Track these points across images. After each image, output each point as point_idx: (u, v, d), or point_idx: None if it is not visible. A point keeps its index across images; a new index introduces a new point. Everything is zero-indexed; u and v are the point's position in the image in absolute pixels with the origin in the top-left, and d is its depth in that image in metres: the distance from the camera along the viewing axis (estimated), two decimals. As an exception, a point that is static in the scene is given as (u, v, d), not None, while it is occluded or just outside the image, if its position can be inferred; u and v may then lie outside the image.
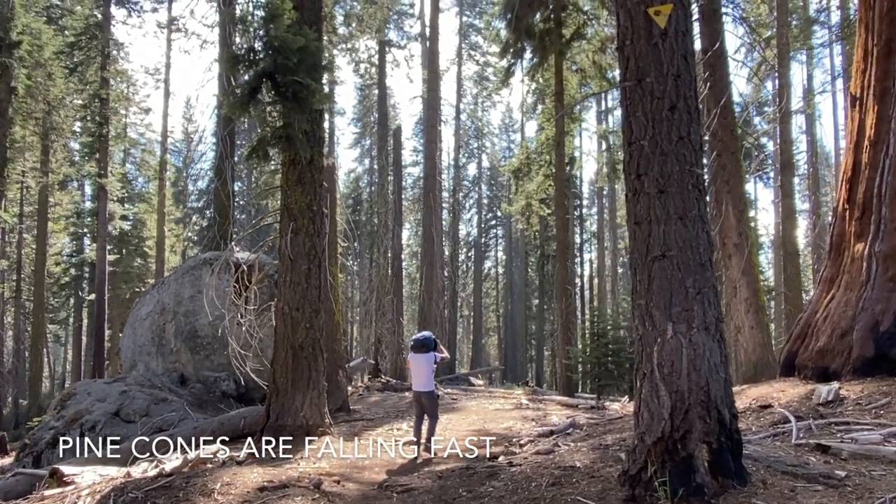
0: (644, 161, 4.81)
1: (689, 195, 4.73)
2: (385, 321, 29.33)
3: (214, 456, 8.51)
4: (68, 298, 39.87)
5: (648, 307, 4.76)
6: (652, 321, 4.74)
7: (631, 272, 4.98)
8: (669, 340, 4.66)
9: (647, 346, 4.78)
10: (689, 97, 4.81)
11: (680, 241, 4.70)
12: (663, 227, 4.73)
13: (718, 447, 4.57)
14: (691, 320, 4.64)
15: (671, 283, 4.68)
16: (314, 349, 9.40)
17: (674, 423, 4.61)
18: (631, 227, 4.94)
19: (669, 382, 4.65)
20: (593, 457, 6.02)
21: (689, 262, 4.68)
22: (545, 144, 23.26)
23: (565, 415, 14.37)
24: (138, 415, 13.37)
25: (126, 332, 16.87)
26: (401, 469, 7.80)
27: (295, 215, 9.50)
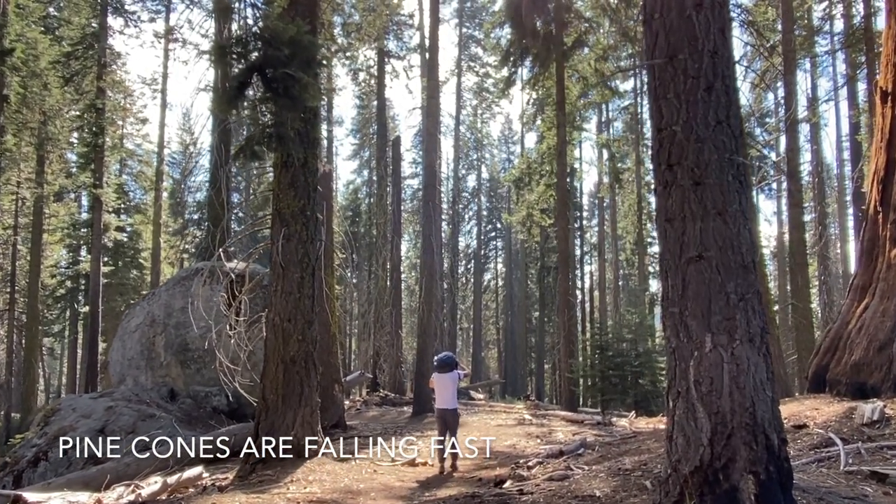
0: (677, 149, 4.18)
1: (728, 187, 4.10)
2: (384, 334, 28.66)
3: (199, 478, 7.82)
4: (64, 311, 39.11)
5: (683, 316, 4.11)
6: (687, 332, 4.09)
7: (661, 276, 4.34)
8: (708, 354, 4.01)
9: (681, 360, 4.13)
10: (728, 76, 4.19)
11: (719, 240, 4.06)
12: (700, 224, 4.09)
13: (766, 478, 3.91)
14: (733, 331, 3.99)
15: (709, 288, 4.04)
16: (307, 363, 8.72)
17: (714, 449, 3.95)
18: (661, 225, 4.31)
19: (708, 403, 3.99)
20: (614, 484, 5.35)
21: (730, 264, 4.04)
22: (546, 154, 22.70)
23: (571, 431, 13.67)
24: (124, 431, 12.65)
25: (115, 345, 16.17)
26: (398, 494, 7.12)
27: (287, 220, 8.87)
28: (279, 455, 8.26)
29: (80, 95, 29.29)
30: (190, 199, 40.61)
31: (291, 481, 7.54)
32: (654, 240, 37.81)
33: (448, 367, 8.87)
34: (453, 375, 8.88)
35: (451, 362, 8.97)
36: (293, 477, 7.69)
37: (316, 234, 9.22)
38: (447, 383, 8.84)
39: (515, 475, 7.27)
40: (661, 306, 4.36)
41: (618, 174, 22.38)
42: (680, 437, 4.11)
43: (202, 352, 14.39)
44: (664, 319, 4.33)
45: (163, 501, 5.93)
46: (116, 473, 10.91)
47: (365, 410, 21.12)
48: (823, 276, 24.74)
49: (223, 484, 7.81)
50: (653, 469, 5.72)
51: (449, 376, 8.84)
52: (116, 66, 30.47)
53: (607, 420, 14.76)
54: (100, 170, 29.36)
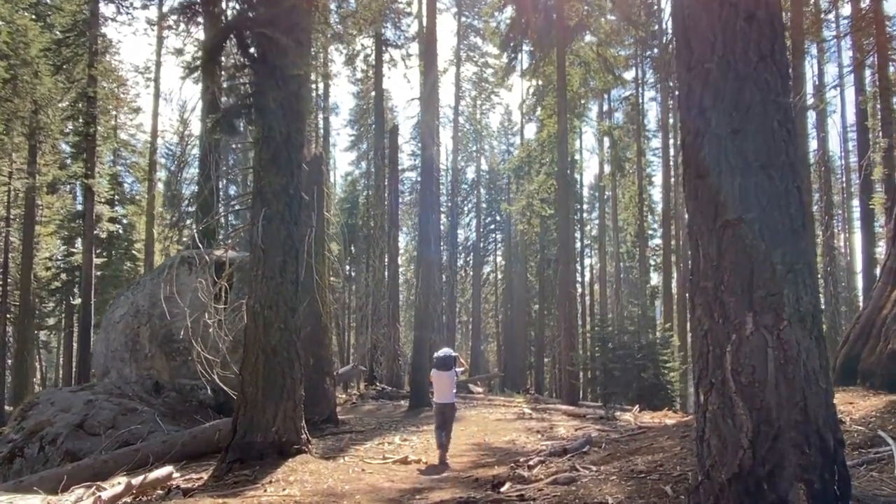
0: (711, 90, 3.45)
1: (774, 135, 3.36)
2: (381, 326, 27.97)
3: (168, 478, 7.10)
4: (59, 304, 38.44)
5: (718, 292, 3.38)
6: (723, 311, 3.36)
7: (691, 245, 3.61)
8: (749, 338, 3.28)
9: (715, 345, 3.40)
10: (772, 3, 3.45)
11: (763, 199, 3.33)
12: (739, 179, 3.36)
13: (821, 487, 3.19)
14: (780, 309, 3.26)
15: (751, 257, 3.31)
16: (289, 353, 7.99)
17: (757, 453, 3.22)
18: (691, 183, 3.57)
19: (749, 396, 3.26)
20: (628, 489, 4.62)
21: (776, 228, 3.31)
22: (546, 142, 21.93)
23: (573, 426, 12.96)
24: (104, 427, 11.95)
25: (99, 337, 15.45)
26: (386, 498, 6.39)
27: (268, 199, 8.13)
28: (259, 453, 7.55)
29: (72, 84, 28.53)
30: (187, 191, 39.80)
31: (270, 482, 6.82)
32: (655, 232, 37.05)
33: (447, 366, 9.20)
34: (451, 374, 9.24)
35: (449, 361, 9.28)
36: (272, 477, 6.97)
37: (300, 215, 8.49)
38: (446, 380, 9.18)
39: (515, 476, 6.54)
40: (690, 281, 3.63)
41: (620, 162, 21.61)
42: (714, 437, 3.38)
43: (188, 343, 13.66)
44: (692, 297, 3.60)
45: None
46: (92, 471, 10.22)
47: (361, 404, 20.42)
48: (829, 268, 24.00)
49: (195, 485, 7.09)
50: (670, 471, 5.00)
51: (447, 374, 9.19)
52: (109, 53, 29.69)
53: (610, 414, 14.05)
54: (92, 160, 28.57)
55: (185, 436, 11.06)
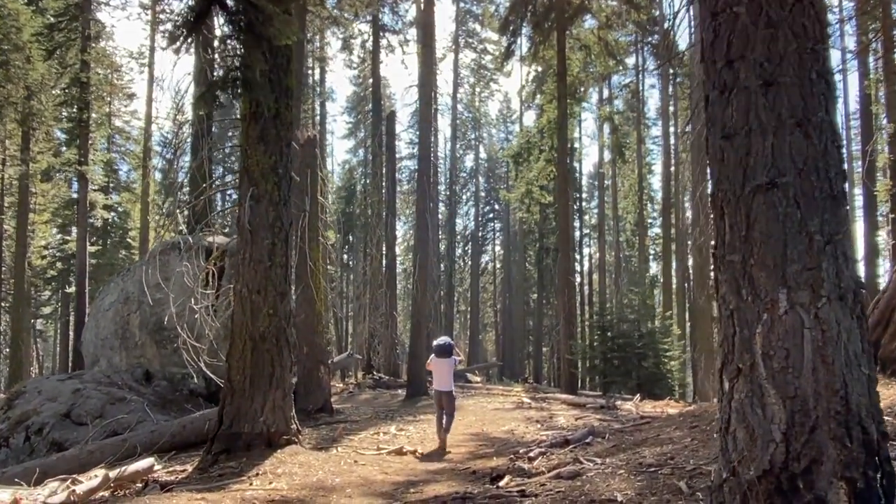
0: (739, 38, 3.03)
1: (812, 87, 2.95)
2: (378, 315, 27.62)
3: (150, 471, 6.72)
4: (56, 292, 38.06)
5: (746, 266, 2.98)
6: (752, 287, 2.96)
7: (715, 214, 3.20)
8: (782, 317, 2.88)
9: (743, 326, 3.00)
10: (809, -61, 3.02)
11: (799, 161, 2.92)
12: (772, 139, 2.95)
13: (865, 486, 2.80)
14: (818, 285, 2.86)
15: (785, 226, 2.90)
16: (279, 340, 7.60)
17: (791, 447, 2.83)
18: (716, 145, 3.16)
19: (782, 383, 2.87)
20: (638, 485, 4.24)
21: (812, 193, 2.91)
22: (546, 128, 21.48)
23: (573, 416, 12.61)
24: (91, 416, 11.58)
25: (88, 325, 15.06)
26: (378, 491, 6.02)
27: (256, 179, 7.71)
28: (246, 444, 7.17)
29: (65, 69, 27.99)
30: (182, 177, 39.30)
31: (256, 475, 6.44)
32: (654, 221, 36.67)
33: (446, 353, 9.30)
34: (450, 361, 9.32)
35: (448, 349, 9.37)
36: (259, 469, 6.59)
37: (290, 196, 8.08)
38: (444, 368, 9.25)
39: (515, 468, 6.18)
40: (714, 255, 3.22)
41: (621, 148, 21.17)
42: (741, 429, 2.99)
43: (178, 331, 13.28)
44: (717, 272, 3.20)
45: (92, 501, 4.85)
46: (78, 461, 9.86)
47: (358, 393, 20.08)
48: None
49: (178, 477, 6.72)
50: (683, 465, 4.62)
51: (446, 361, 9.27)
52: (102, 38, 29.15)
53: (611, 403, 13.70)
54: (85, 146, 28.09)
55: (174, 426, 10.70)
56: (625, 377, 19.00)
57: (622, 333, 19.41)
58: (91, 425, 11.30)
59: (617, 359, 19.10)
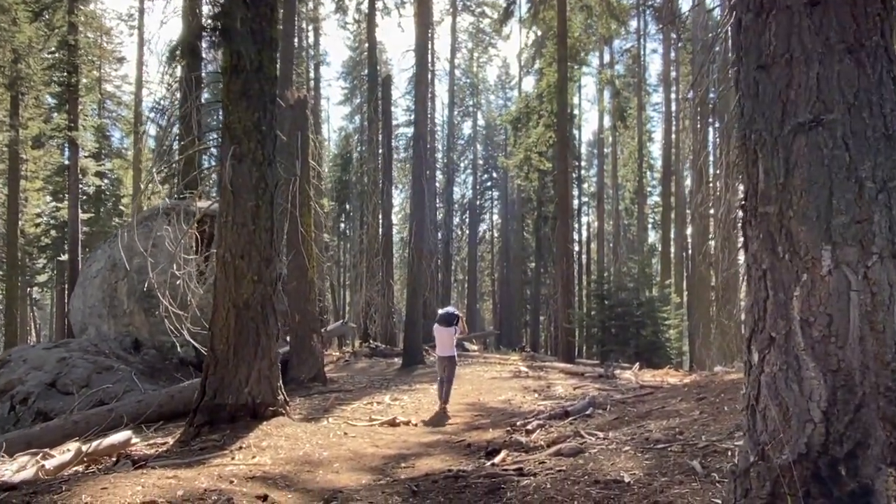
0: (780, -52, 2.55)
1: (865, 8, 2.49)
2: (374, 284, 27.27)
3: (127, 444, 6.37)
4: (50, 260, 37.62)
5: (784, 219, 2.55)
6: (790, 243, 2.53)
7: (745, 159, 2.76)
8: (825, 278, 2.46)
9: (777, 289, 2.58)
10: None
11: (849, 94, 2.47)
12: (817, 68, 2.49)
13: (917, 473, 2.41)
14: (868, 240, 2.43)
15: (831, 171, 2.47)
16: (264, 308, 7.19)
17: (833, 427, 2.44)
18: (749, 77, 2.70)
19: (824, 355, 2.46)
20: (646, 463, 3.87)
21: (864, 133, 2.47)
22: (546, 92, 20.84)
23: (571, 385, 12.29)
24: (77, 385, 11.23)
25: (76, 292, 14.65)
26: (367, 466, 5.66)
27: (238, 137, 7.21)
28: (230, 416, 6.81)
29: (52, 31, 27.16)
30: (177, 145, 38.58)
31: (239, 448, 6.09)
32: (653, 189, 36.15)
33: (447, 323, 9.77)
34: (451, 330, 9.79)
35: (451, 319, 9.84)
36: (243, 443, 6.23)
37: (275, 156, 7.59)
38: (445, 335, 9.80)
39: (512, 442, 5.82)
40: (743, 207, 2.78)
41: (622, 113, 20.55)
42: (772, 407, 2.59)
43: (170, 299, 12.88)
44: (746, 227, 2.76)
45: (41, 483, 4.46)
46: (63, 432, 9.53)
47: (354, 362, 19.79)
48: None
49: (159, 451, 6.37)
50: (694, 441, 4.24)
51: (447, 330, 9.78)
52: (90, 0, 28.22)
53: (610, 372, 13.39)
54: (74, 111, 27.40)
55: (161, 395, 10.37)
56: (623, 346, 18.71)
57: (621, 302, 19.07)
58: (77, 395, 10.96)
59: (615, 327, 18.79)
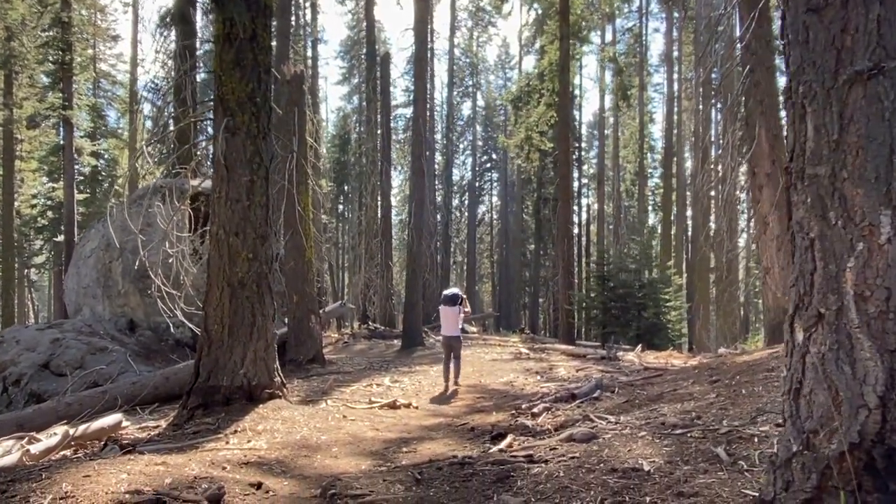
0: None
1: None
2: (373, 265, 27.01)
3: (117, 427, 6.12)
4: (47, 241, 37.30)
5: (836, 181, 2.26)
6: (844, 209, 2.24)
7: (791, 115, 2.46)
8: (884, 247, 2.18)
9: (828, 259, 2.30)
10: None
11: (916, 38, 2.16)
12: (878, 9, 2.19)
13: (984, 465, 2.14)
14: (933, 204, 2.15)
15: (892, 126, 2.17)
16: (259, 287, 6.90)
17: (889, 414, 2.17)
18: (797, 22, 2.39)
19: (881, 333, 2.19)
20: (665, 450, 3.61)
21: (932, 83, 2.16)
22: (547, 70, 20.42)
23: (574, 367, 12.07)
24: (70, 367, 10.98)
25: (70, 272, 14.36)
26: (367, 450, 5.42)
27: (232, 109, 6.88)
28: (225, 399, 6.56)
29: (45, 8, 26.62)
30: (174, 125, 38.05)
31: (234, 432, 5.84)
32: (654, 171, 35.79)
33: (452, 303, 9.93)
34: (455, 309, 9.94)
35: (455, 299, 10.01)
36: (238, 426, 5.98)
37: (270, 129, 7.26)
38: (450, 315, 9.94)
39: (517, 426, 5.57)
40: (788, 170, 2.49)
41: (625, 92, 20.14)
42: (819, 391, 2.32)
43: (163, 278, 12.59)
44: (791, 191, 2.47)
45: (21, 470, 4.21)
46: (56, 414, 9.29)
47: (353, 343, 19.58)
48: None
49: (151, 434, 6.12)
50: (714, 426, 3.99)
51: (451, 309, 9.92)
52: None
53: (612, 354, 13.16)
54: (69, 90, 26.96)
55: (156, 377, 10.12)
56: (624, 327, 18.48)
57: (622, 283, 18.81)
58: (70, 376, 10.71)
59: (616, 309, 18.55)
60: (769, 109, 14.25)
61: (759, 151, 14.21)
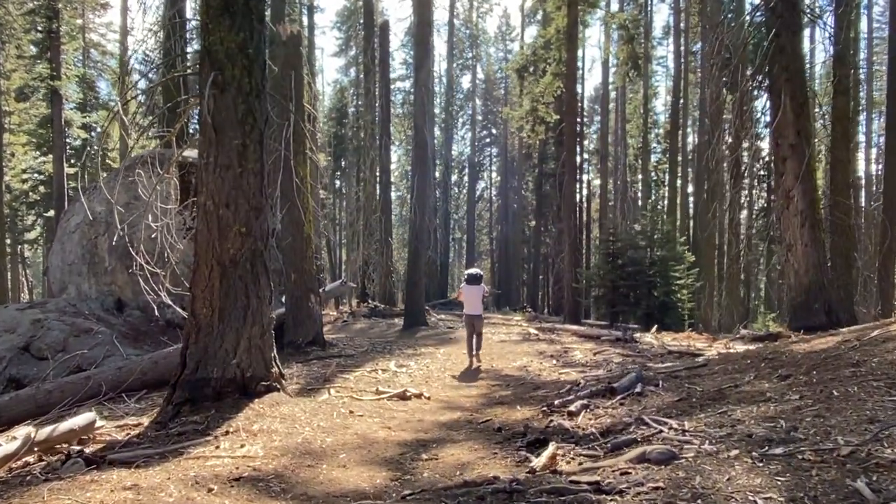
0: None
1: None
2: (372, 242, 26.13)
3: (90, 428, 5.26)
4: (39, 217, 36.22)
5: None
6: None
7: None
8: None
9: None
10: None
11: None
12: None
13: None
14: None
15: None
16: (254, 265, 6.01)
17: None
18: None
19: None
20: (778, 480, 2.77)
21: None
22: (554, 38, 19.34)
23: (589, 350, 11.25)
24: (52, 350, 10.10)
25: (54, 248, 13.42)
26: (381, 458, 4.58)
27: (220, 62, 5.92)
28: (215, 393, 5.70)
29: (28, -27, 25.32)
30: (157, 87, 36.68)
31: (226, 433, 5.00)
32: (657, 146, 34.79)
33: (476, 281, 10.12)
34: (479, 288, 10.13)
35: (479, 278, 10.21)
36: (230, 426, 5.14)
37: (265, 85, 6.31)
38: (475, 294, 10.09)
39: (555, 428, 4.74)
40: None
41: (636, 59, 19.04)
42: None
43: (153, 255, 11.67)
44: None
45: None
46: (35, 402, 8.45)
47: (352, 322, 18.74)
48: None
49: (130, 435, 5.26)
50: (826, 445, 3.14)
51: (476, 288, 10.08)
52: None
53: (628, 336, 12.35)
54: (57, 59, 25.74)
55: (144, 361, 9.24)
56: (633, 306, 17.68)
57: (632, 260, 17.95)
58: (52, 360, 9.84)
59: (626, 287, 17.72)
60: (794, 76, 13.31)
61: (784, 121, 13.27)
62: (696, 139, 29.86)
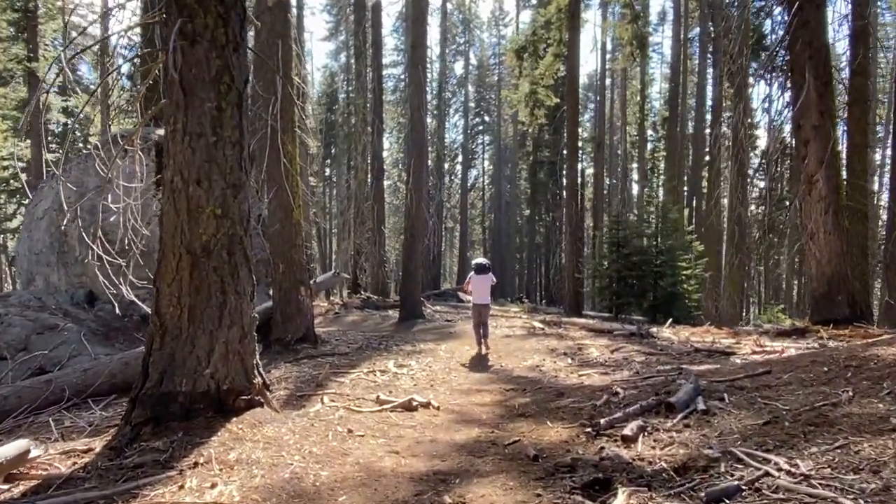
0: None
1: None
2: (364, 230, 24.99)
3: (22, 459, 4.14)
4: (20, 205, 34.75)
5: None
6: None
7: None
8: None
9: None
10: None
11: None
12: None
13: None
14: None
15: None
16: (232, 255, 4.90)
17: None
18: None
19: None
20: None
21: None
22: (555, 17, 18.23)
23: (604, 346, 10.23)
24: (13, 349, 8.96)
25: (21, 236, 12.22)
26: (389, 497, 3.51)
27: (189, 7, 4.77)
28: (184, 410, 4.60)
29: (4, -52, 23.81)
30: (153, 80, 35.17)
31: (194, 465, 3.91)
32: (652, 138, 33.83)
33: (485, 270, 10.09)
34: (488, 277, 10.07)
35: (487, 267, 10.20)
36: (200, 454, 4.05)
37: (244, 38, 5.17)
38: (484, 283, 10.05)
39: (612, 461, 3.69)
40: None
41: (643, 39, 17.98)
42: None
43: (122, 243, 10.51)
44: None
45: None
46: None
47: (344, 314, 17.62)
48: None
49: (72, 468, 4.16)
50: None
51: (484, 277, 10.05)
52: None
53: (644, 330, 11.34)
54: (34, 40, 24.34)
55: (114, 363, 8.12)
56: (639, 298, 16.70)
57: (638, 250, 16.96)
58: (11, 360, 8.69)
59: (632, 278, 16.73)
60: (818, 52, 12.30)
61: (806, 101, 12.27)
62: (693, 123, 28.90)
